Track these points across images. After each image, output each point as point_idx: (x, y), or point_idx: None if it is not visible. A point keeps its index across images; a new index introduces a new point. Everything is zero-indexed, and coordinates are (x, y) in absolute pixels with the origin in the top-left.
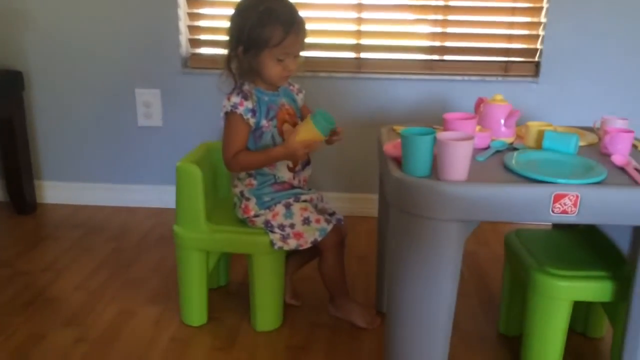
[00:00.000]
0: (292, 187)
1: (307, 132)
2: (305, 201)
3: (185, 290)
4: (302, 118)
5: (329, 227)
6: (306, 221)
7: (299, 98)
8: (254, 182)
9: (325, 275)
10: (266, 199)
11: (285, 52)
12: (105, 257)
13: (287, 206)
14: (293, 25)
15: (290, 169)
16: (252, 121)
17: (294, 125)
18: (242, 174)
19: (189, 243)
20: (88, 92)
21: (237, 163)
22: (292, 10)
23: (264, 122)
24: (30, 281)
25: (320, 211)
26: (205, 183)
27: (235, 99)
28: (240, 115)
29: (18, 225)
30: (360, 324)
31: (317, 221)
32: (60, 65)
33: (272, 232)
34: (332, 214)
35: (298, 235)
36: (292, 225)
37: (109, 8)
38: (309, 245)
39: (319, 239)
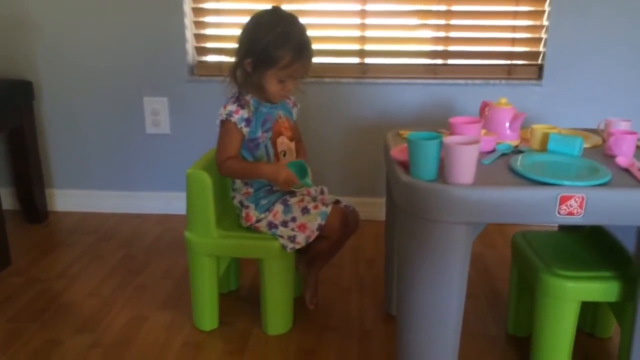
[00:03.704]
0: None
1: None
2: (301, 195)
3: (197, 295)
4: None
5: (329, 209)
6: (305, 210)
7: (294, 112)
8: (251, 190)
9: (321, 245)
10: (263, 202)
11: (288, 75)
12: (117, 263)
13: (285, 203)
14: (303, 52)
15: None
16: (245, 130)
17: (290, 138)
18: (238, 184)
19: (200, 249)
20: (97, 101)
21: (226, 168)
22: (305, 38)
23: (259, 133)
24: (44, 288)
25: (320, 201)
26: (215, 189)
27: (231, 107)
28: (235, 123)
29: (30, 233)
30: (307, 298)
31: (316, 207)
32: (69, 75)
33: (280, 236)
34: (336, 202)
35: (302, 227)
36: (293, 219)
37: (116, 18)
38: (316, 233)
39: (323, 223)
